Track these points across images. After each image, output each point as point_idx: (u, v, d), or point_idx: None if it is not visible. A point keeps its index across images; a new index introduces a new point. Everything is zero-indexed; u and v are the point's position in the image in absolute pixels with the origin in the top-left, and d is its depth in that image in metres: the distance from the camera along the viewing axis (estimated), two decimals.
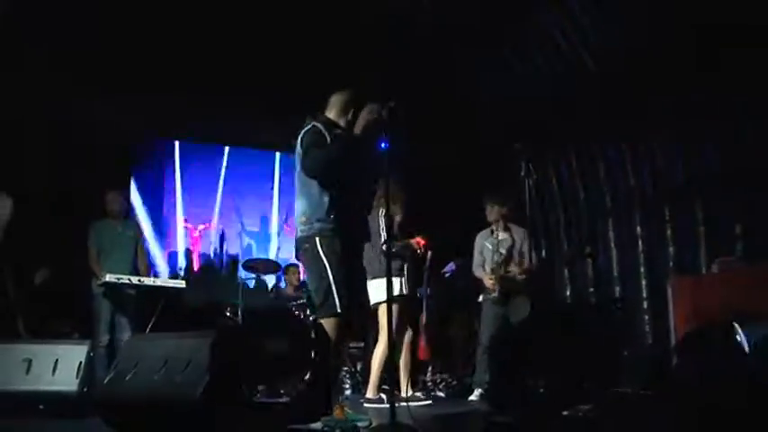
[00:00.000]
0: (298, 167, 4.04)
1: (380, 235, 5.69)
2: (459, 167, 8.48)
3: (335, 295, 3.77)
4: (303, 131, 4.04)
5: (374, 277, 5.65)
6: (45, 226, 6.82)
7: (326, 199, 3.91)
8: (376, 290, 5.63)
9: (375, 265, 5.69)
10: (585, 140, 8.26)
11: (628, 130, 7.69)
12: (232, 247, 8.92)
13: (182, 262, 8.65)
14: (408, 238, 6.03)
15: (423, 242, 6.05)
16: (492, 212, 6.59)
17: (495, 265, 6.41)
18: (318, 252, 3.85)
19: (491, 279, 6.41)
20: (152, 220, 8.39)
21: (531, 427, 3.08)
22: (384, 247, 5.66)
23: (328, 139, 3.95)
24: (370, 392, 5.82)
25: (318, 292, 3.85)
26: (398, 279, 5.93)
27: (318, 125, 4.03)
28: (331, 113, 4.23)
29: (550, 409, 3.14)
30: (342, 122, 4.16)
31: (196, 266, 8.66)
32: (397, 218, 5.98)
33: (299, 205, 4.05)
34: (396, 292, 5.77)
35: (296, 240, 4.11)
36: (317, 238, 3.87)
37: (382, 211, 5.74)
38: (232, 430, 2.81)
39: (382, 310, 5.73)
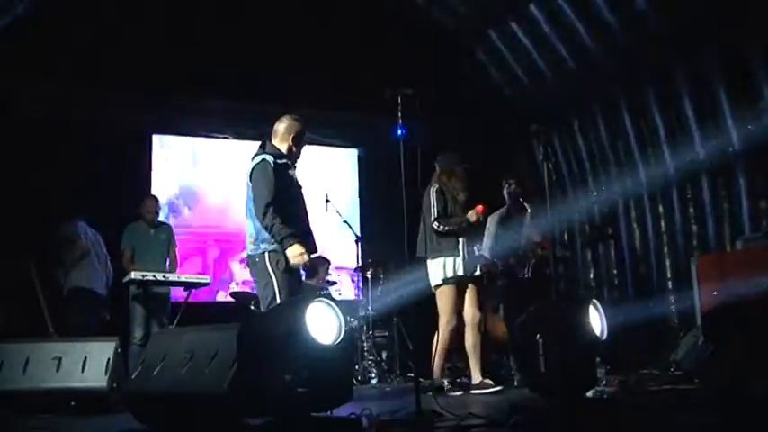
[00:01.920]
0: (247, 195, 4.49)
1: (431, 212, 5.55)
2: (475, 150, 8.43)
3: (277, 292, 4.27)
4: (253, 165, 4.47)
5: (426, 258, 5.56)
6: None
7: None
8: (430, 272, 5.58)
9: (425, 244, 5.55)
10: (605, 119, 8.19)
11: (647, 107, 7.61)
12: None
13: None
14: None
15: (481, 209, 5.65)
16: (510, 190, 6.43)
17: (526, 245, 6.22)
18: (266, 266, 4.34)
19: (516, 260, 6.21)
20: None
21: (557, 408, 3.08)
22: (435, 225, 5.54)
23: (272, 172, 4.40)
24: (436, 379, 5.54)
25: (265, 300, 4.35)
26: (452, 259, 5.55)
27: (267, 158, 4.45)
28: (275, 140, 4.65)
29: (574, 391, 3.15)
30: (284, 148, 4.61)
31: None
32: (461, 196, 5.70)
33: (248, 227, 4.51)
34: (450, 273, 5.54)
35: (247, 257, 4.57)
36: (266, 254, 4.35)
37: (435, 188, 5.63)
38: (258, 421, 2.84)
39: (438, 293, 5.60)
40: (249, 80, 7.85)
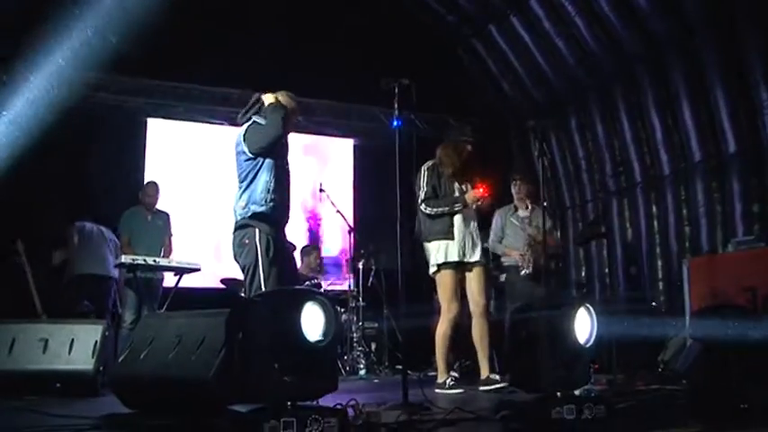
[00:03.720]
0: (241, 163, 4.40)
1: (419, 194, 5.16)
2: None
3: (262, 280, 4.19)
4: (245, 128, 4.42)
5: (423, 242, 5.22)
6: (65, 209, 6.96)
7: (261, 184, 4.30)
8: (428, 256, 5.21)
9: (420, 226, 5.21)
10: (600, 118, 8.19)
11: (643, 108, 7.61)
12: None
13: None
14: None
15: (484, 191, 5.14)
16: (521, 189, 6.39)
17: (532, 240, 6.12)
18: (256, 248, 4.24)
19: (522, 255, 6.14)
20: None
21: (543, 406, 3.08)
22: (423, 208, 5.15)
23: None
24: (439, 377, 5.16)
25: (249, 271, 4.25)
26: (446, 242, 5.08)
27: (259, 121, 4.43)
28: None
29: (563, 389, 3.15)
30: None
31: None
32: (448, 171, 5.21)
33: (238, 197, 4.40)
34: (441, 258, 5.09)
35: (235, 224, 4.42)
36: (256, 229, 4.25)
37: (428, 165, 5.22)
38: (244, 408, 2.83)
39: (436, 279, 5.17)
40: (247, 68, 7.81)
